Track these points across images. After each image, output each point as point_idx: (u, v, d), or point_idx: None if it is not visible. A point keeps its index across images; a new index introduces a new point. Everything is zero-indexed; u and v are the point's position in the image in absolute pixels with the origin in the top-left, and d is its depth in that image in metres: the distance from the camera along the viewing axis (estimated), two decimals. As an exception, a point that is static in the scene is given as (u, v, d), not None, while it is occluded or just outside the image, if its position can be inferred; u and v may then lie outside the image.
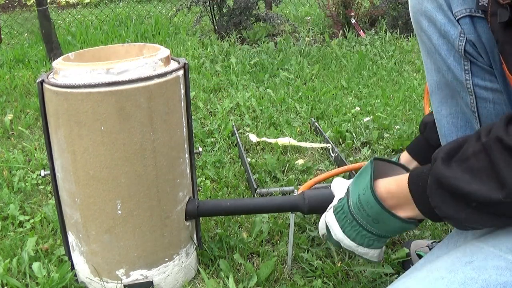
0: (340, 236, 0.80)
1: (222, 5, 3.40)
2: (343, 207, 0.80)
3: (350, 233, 0.79)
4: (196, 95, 2.21)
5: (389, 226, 0.75)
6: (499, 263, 0.59)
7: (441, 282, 0.59)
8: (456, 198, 0.63)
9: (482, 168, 0.60)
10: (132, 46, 1.00)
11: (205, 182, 1.40)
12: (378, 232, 0.77)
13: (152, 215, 0.90)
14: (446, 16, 0.71)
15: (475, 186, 0.60)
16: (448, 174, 0.63)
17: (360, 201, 0.76)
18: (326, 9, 3.60)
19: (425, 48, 0.78)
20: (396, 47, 3.07)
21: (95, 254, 0.92)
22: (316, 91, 2.26)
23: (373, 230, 0.77)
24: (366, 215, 0.75)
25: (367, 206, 0.75)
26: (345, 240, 0.80)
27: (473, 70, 0.72)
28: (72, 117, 0.82)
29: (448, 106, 0.78)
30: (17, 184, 1.41)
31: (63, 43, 3.24)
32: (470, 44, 0.70)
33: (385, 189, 0.74)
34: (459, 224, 0.65)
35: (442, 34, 0.72)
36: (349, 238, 0.79)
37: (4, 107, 2.15)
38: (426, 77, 0.81)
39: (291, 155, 1.61)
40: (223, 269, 1.01)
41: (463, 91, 0.74)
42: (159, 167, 0.88)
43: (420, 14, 0.75)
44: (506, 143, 0.58)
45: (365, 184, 0.76)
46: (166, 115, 0.87)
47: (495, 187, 0.58)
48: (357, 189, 0.78)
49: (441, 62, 0.75)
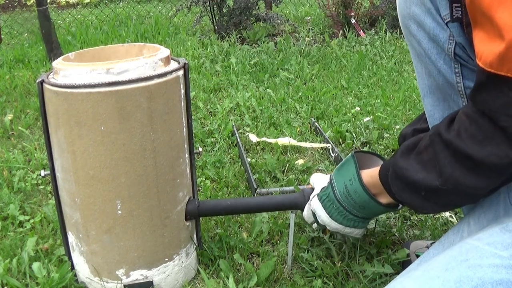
0: (327, 221, 0.91)
1: (222, 5, 3.40)
2: (329, 195, 0.90)
3: (337, 217, 0.90)
4: (196, 95, 2.21)
5: (373, 211, 0.86)
6: (494, 261, 0.60)
7: (437, 281, 0.60)
8: (409, 187, 0.73)
9: (429, 160, 0.69)
10: (132, 46, 1.00)
11: (205, 182, 1.40)
12: (363, 215, 0.88)
13: (152, 215, 0.90)
14: (434, 20, 0.71)
15: (421, 175, 0.70)
16: (402, 165, 0.73)
17: (348, 190, 0.86)
18: (326, 9, 3.60)
19: (415, 52, 0.78)
20: (396, 47, 3.07)
21: (95, 254, 0.92)
22: (316, 91, 2.26)
23: (358, 214, 0.88)
24: (353, 202, 0.86)
25: (355, 195, 0.86)
26: (332, 223, 0.91)
27: (464, 72, 0.72)
28: (72, 117, 0.82)
29: (440, 109, 0.79)
30: (17, 184, 1.41)
31: (63, 43, 3.24)
32: (459, 46, 0.70)
33: (366, 181, 0.84)
34: (417, 209, 0.77)
35: (431, 38, 0.73)
36: (336, 222, 0.90)
37: (4, 107, 2.15)
38: (418, 81, 0.82)
39: (291, 155, 1.61)
40: (223, 269, 1.01)
41: (455, 94, 0.74)
42: (159, 167, 0.88)
43: (409, 19, 0.75)
44: (444, 138, 0.67)
45: (351, 175, 0.86)
46: (166, 115, 0.87)
47: (435, 176, 0.68)
48: (342, 180, 0.88)
49: (431, 65, 0.75)
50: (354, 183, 0.85)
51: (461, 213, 1.22)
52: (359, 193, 0.85)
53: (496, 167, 0.62)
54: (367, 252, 1.04)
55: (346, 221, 0.89)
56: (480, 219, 0.72)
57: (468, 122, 0.63)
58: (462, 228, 0.75)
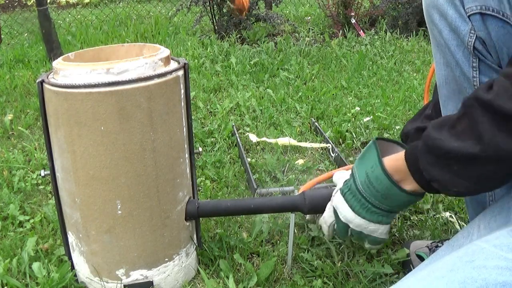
0: (350, 216, 0.83)
1: (222, 5, 3.40)
2: (350, 188, 0.83)
3: (359, 211, 0.82)
4: (196, 95, 2.21)
5: (397, 200, 0.79)
6: (499, 262, 0.60)
7: (441, 281, 0.60)
8: (441, 160, 0.69)
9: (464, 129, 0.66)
10: (132, 46, 1.00)
11: (205, 182, 1.40)
12: (387, 208, 0.81)
13: (152, 215, 0.90)
14: (457, 11, 0.71)
15: (457, 144, 0.66)
16: (435, 135, 0.69)
17: (369, 178, 0.80)
18: (326, 9, 3.60)
19: (436, 41, 0.78)
20: (396, 47, 3.07)
21: (95, 254, 0.92)
22: (316, 91, 2.26)
23: (381, 205, 0.80)
24: (375, 191, 0.79)
25: (377, 182, 0.79)
26: (355, 219, 0.83)
27: (481, 68, 0.72)
28: (72, 117, 0.82)
29: (454, 101, 0.79)
30: (17, 184, 1.41)
31: (63, 43, 3.24)
32: (479, 41, 0.70)
33: (389, 165, 0.78)
34: (445, 187, 0.70)
35: (452, 29, 0.73)
36: (359, 216, 0.82)
37: (4, 107, 2.15)
38: (435, 71, 0.82)
39: (291, 155, 1.61)
40: (223, 269, 1.01)
41: (470, 88, 0.74)
42: (159, 167, 0.88)
43: (432, 7, 0.75)
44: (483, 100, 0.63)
45: (373, 161, 0.80)
46: (166, 115, 0.87)
47: (472, 144, 0.64)
48: (363, 168, 0.82)
49: (450, 56, 0.75)
50: (376, 170, 0.79)
51: (461, 213, 1.22)
52: (380, 179, 0.78)
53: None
54: (367, 252, 1.04)
55: (370, 215, 0.82)
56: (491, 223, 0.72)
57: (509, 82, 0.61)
58: (472, 231, 0.75)
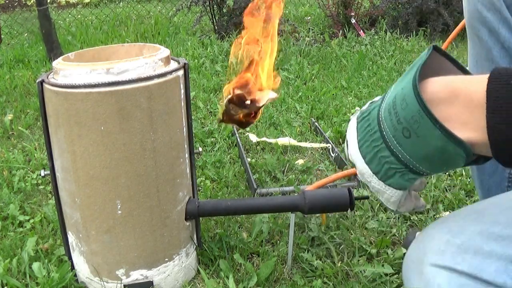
0: (354, 155, 0.57)
1: (222, 5, 3.40)
2: (371, 112, 0.56)
3: (366, 150, 0.56)
4: (196, 95, 2.21)
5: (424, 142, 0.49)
6: None
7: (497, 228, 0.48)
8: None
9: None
10: (132, 46, 1.00)
11: (205, 182, 1.40)
12: (404, 157, 0.52)
13: (152, 215, 0.90)
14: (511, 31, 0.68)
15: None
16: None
17: (395, 99, 0.51)
18: (326, 9, 3.60)
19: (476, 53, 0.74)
20: (396, 47, 3.07)
21: (95, 254, 0.92)
22: (316, 91, 2.26)
23: (397, 150, 0.52)
24: (396, 120, 0.51)
25: (401, 105, 0.50)
26: (358, 161, 0.57)
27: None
28: (72, 117, 0.82)
29: None
30: (17, 184, 1.41)
31: (63, 43, 3.24)
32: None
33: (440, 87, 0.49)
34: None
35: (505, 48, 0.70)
36: (363, 159, 0.56)
37: (4, 107, 2.15)
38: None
39: (291, 155, 1.61)
40: (223, 269, 1.01)
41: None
42: (159, 167, 0.88)
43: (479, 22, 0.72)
44: None
45: (411, 76, 0.51)
46: (166, 115, 0.87)
47: None
48: (399, 85, 0.53)
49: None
50: (406, 86, 0.50)
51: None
52: (407, 100, 0.49)
53: None
54: (367, 252, 1.04)
55: (377, 162, 0.54)
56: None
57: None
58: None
